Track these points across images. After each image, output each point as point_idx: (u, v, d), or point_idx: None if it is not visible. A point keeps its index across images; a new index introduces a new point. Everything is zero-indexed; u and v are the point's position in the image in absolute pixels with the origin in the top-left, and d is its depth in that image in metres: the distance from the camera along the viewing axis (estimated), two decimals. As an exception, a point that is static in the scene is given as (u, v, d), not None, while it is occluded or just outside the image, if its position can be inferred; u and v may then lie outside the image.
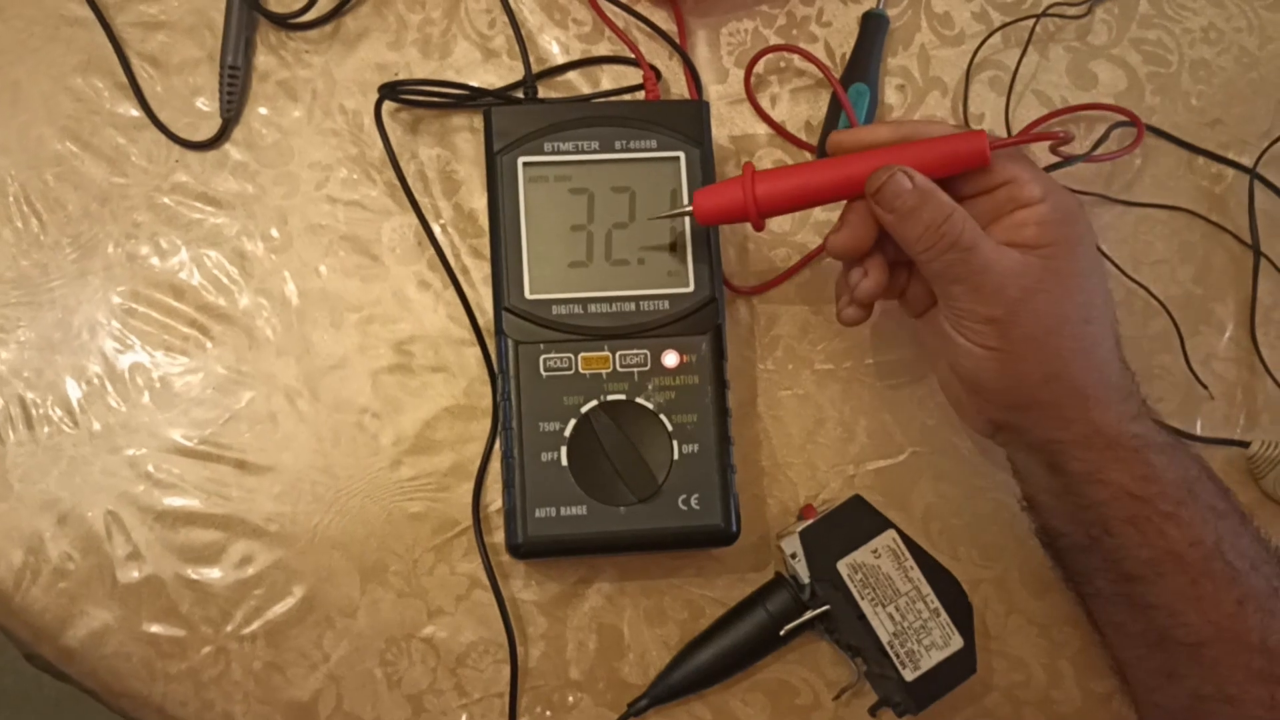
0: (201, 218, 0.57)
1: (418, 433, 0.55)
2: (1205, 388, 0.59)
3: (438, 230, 0.57)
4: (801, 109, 0.60)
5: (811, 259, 0.58)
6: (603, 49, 0.59)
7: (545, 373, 0.52)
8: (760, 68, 0.60)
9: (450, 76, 0.59)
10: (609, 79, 0.59)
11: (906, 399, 0.58)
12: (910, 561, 0.52)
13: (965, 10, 0.61)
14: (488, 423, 0.55)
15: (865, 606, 0.51)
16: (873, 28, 0.60)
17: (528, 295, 0.52)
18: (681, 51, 0.59)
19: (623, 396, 0.52)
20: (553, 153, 0.53)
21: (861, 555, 0.52)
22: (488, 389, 0.55)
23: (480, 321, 0.55)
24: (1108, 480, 0.48)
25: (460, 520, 0.55)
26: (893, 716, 0.53)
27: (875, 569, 0.52)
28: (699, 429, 0.52)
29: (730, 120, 0.60)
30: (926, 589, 0.52)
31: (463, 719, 0.54)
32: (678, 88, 0.60)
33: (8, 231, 0.56)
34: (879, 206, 0.48)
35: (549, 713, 0.54)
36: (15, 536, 0.54)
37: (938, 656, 0.51)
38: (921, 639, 0.51)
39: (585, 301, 0.52)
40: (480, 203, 0.57)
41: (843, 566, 0.52)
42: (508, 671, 0.53)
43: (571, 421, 0.51)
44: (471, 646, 0.54)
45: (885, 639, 0.51)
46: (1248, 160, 0.61)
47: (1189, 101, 0.62)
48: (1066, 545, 0.51)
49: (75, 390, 0.55)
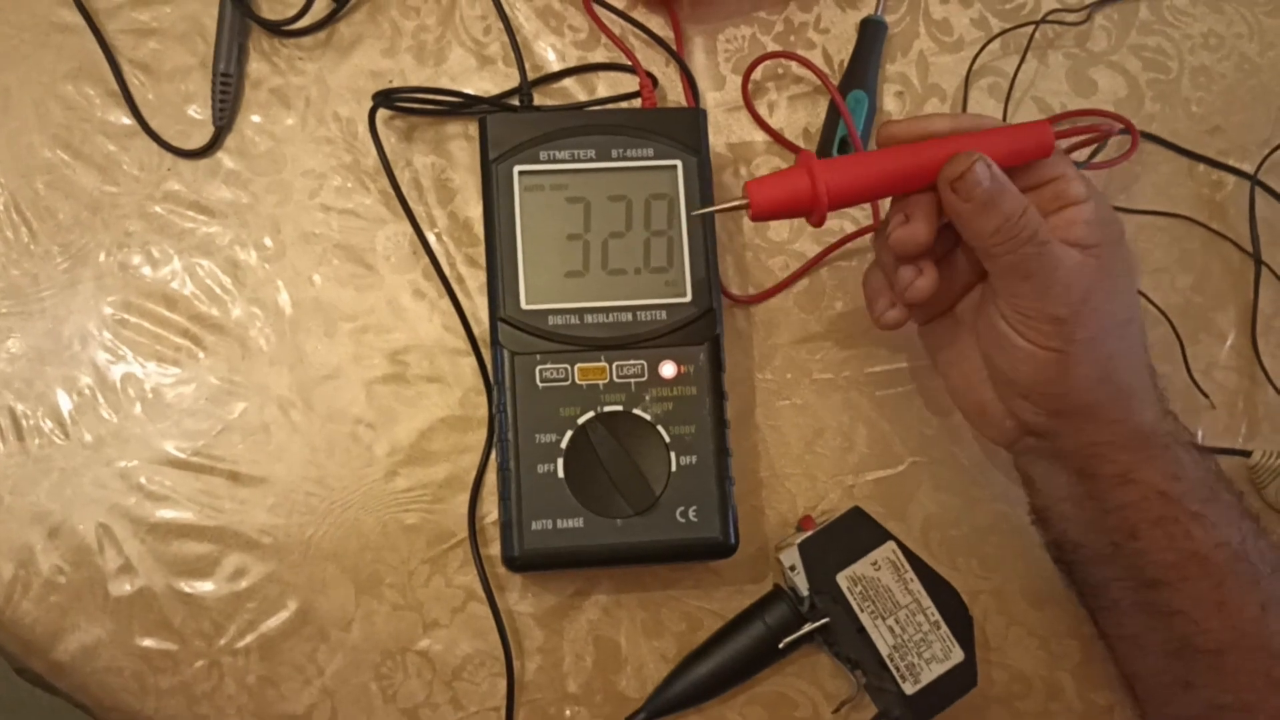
0: (194, 226, 0.56)
1: (412, 443, 0.55)
2: (1206, 396, 0.58)
3: (432, 239, 0.56)
4: (799, 116, 0.60)
5: (810, 268, 0.58)
6: (599, 56, 0.59)
7: (541, 384, 0.51)
8: (758, 74, 0.59)
9: (445, 84, 0.58)
10: (605, 86, 0.59)
11: (906, 409, 0.57)
12: (910, 573, 0.51)
13: (964, 16, 0.61)
14: (483, 433, 0.55)
15: (865, 619, 0.51)
16: (871, 34, 0.59)
17: (524, 305, 0.52)
18: (678, 58, 0.59)
19: (620, 408, 0.51)
20: (549, 161, 0.53)
21: (861, 567, 0.51)
22: (483, 399, 0.55)
23: (475, 331, 0.55)
24: (1139, 479, 0.47)
25: (456, 532, 0.54)
26: (892, 730, 0.53)
27: (875, 581, 0.51)
28: (697, 440, 0.51)
29: (728, 127, 0.59)
30: (927, 601, 0.51)
31: (458, 733, 0.53)
32: (674, 95, 0.59)
33: (-2, 241, 0.55)
34: (955, 195, 0.46)
35: (545, 727, 0.53)
36: (5, 549, 0.53)
37: (938, 670, 0.50)
38: (922, 652, 0.51)
39: (582, 312, 0.52)
40: (475, 211, 0.57)
41: (842, 579, 0.51)
42: (504, 685, 0.53)
43: (568, 433, 0.51)
44: (467, 659, 0.54)
45: (885, 652, 0.51)
46: (1248, 167, 0.60)
47: (1189, 108, 0.61)
48: (1084, 557, 0.50)
49: (66, 401, 0.54)
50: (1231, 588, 0.46)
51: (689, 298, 0.52)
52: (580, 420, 0.51)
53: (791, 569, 0.52)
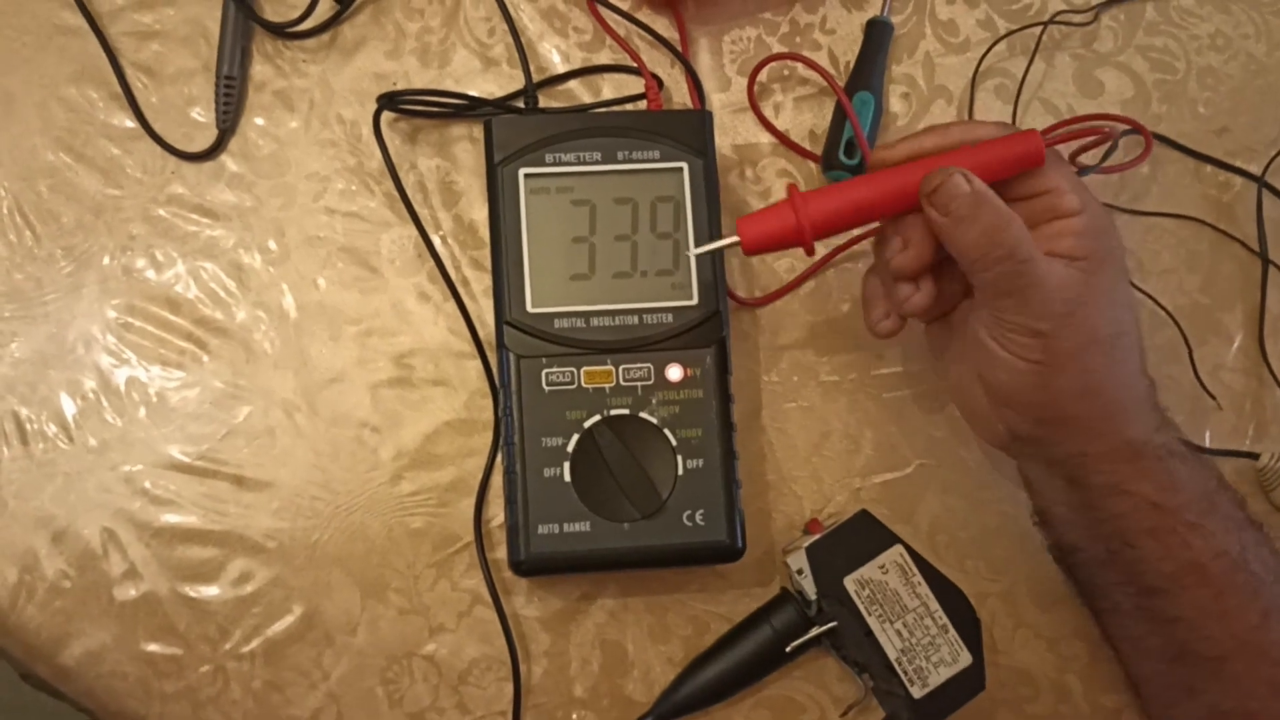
0: (198, 230, 0.56)
1: (418, 447, 0.55)
2: (1214, 398, 0.58)
3: (437, 241, 0.56)
4: (805, 117, 0.59)
5: (816, 270, 0.58)
6: (604, 57, 0.59)
7: (547, 387, 0.51)
8: (763, 76, 0.59)
9: (449, 86, 0.58)
10: (610, 88, 0.59)
11: (913, 411, 0.57)
12: (918, 577, 0.51)
13: (970, 17, 0.61)
14: (489, 436, 0.55)
15: (873, 623, 0.51)
16: (877, 35, 0.59)
17: (529, 308, 0.51)
18: (684, 60, 0.58)
19: (626, 411, 0.51)
20: (554, 164, 0.53)
21: (869, 571, 0.51)
22: (489, 402, 0.55)
23: (481, 334, 0.55)
24: (1130, 491, 0.47)
25: (462, 535, 0.54)
26: (900, 734, 0.53)
27: (883, 585, 0.51)
28: (704, 443, 0.51)
29: (733, 129, 0.59)
30: (934, 605, 0.51)
31: (465, 738, 0.53)
32: (680, 96, 0.59)
33: (0, 245, 0.55)
34: (933, 209, 0.46)
35: (552, 731, 0.53)
36: (10, 554, 0.53)
37: (946, 673, 0.50)
38: (930, 655, 0.50)
39: (588, 315, 0.52)
40: (480, 213, 0.56)
41: (849, 582, 0.51)
42: (510, 689, 0.53)
43: (574, 436, 0.51)
44: (474, 664, 0.53)
45: (893, 656, 0.50)
46: (1256, 168, 0.60)
47: (1196, 109, 0.61)
48: (1083, 560, 0.50)
49: (70, 405, 0.54)
50: (1231, 597, 0.46)
51: (695, 300, 0.52)
52: (586, 424, 0.51)
53: (799, 572, 0.52)
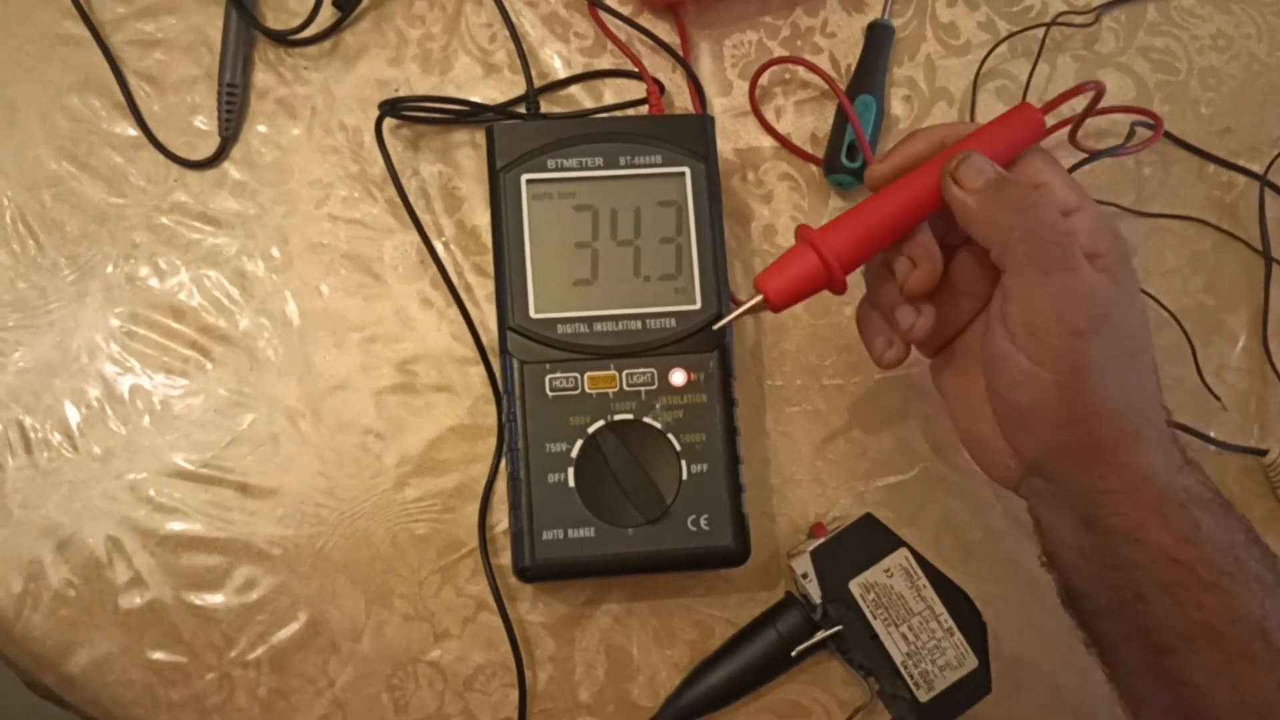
0: (201, 238, 0.56)
1: (422, 453, 0.55)
2: (1218, 399, 0.58)
3: (440, 248, 0.56)
4: (807, 121, 0.59)
5: (819, 273, 0.58)
6: (605, 63, 0.59)
7: (551, 393, 0.51)
8: (765, 80, 0.59)
9: (451, 92, 0.58)
10: (612, 93, 0.59)
11: (916, 414, 0.57)
12: (923, 580, 0.51)
13: (971, 20, 0.61)
14: (493, 442, 0.55)
15: (878, 626, 0.51)
16: (878, 38, 0.59)
17: (532, 314, 0.52)
18: (685, 64, 0.58)
19: (630, 416, 0.51)
20: (556, 169, 0.53)
21: (874, 574, 0.51)
22: (492, 408, 0.55)
23: (484, 340, 0.55)
24: (1147, 540, 0.43)
25: (466, 542, 0.54)
26: (906, 737, 0.52)
27: (888, 588, 0.51)
28: (708, 448, 0.51)
29: (735, 133, 0.59)
30: (940, 608, 0.51)
31: (471, 744, 0.53)
32: (681, 100, 0.59)
33: (4, 254, 0.55)
34: (959, 187, 0.43)
35: (558, 737, 0.53)
36: (15, 563, 0.53)
37: (952, 677, 0.50)
38: (935, 659, 0.50)
39: (591, 320, 0.52)
40: (483, 219, 0.56)
41: (855, 586, 0.51)
42: (516, 695, 0.53)
43: (578, 442, 0.51)
44: (479, 670, 0.53)
45: (899, 659, 0.50)
46: (1258, 168, 0.60)
47: (1198, 109, 0.61)
48: (1092, 609, 0.46)
49: (74, 414, 0.54)
50: (1245, 665, 0.42)
51: (698, 305, 0.52)
52: (590, 429, 0.51)
53: (804, 576, 0.52)
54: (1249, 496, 0.57)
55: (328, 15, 0.57)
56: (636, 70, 0.57)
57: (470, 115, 0.57)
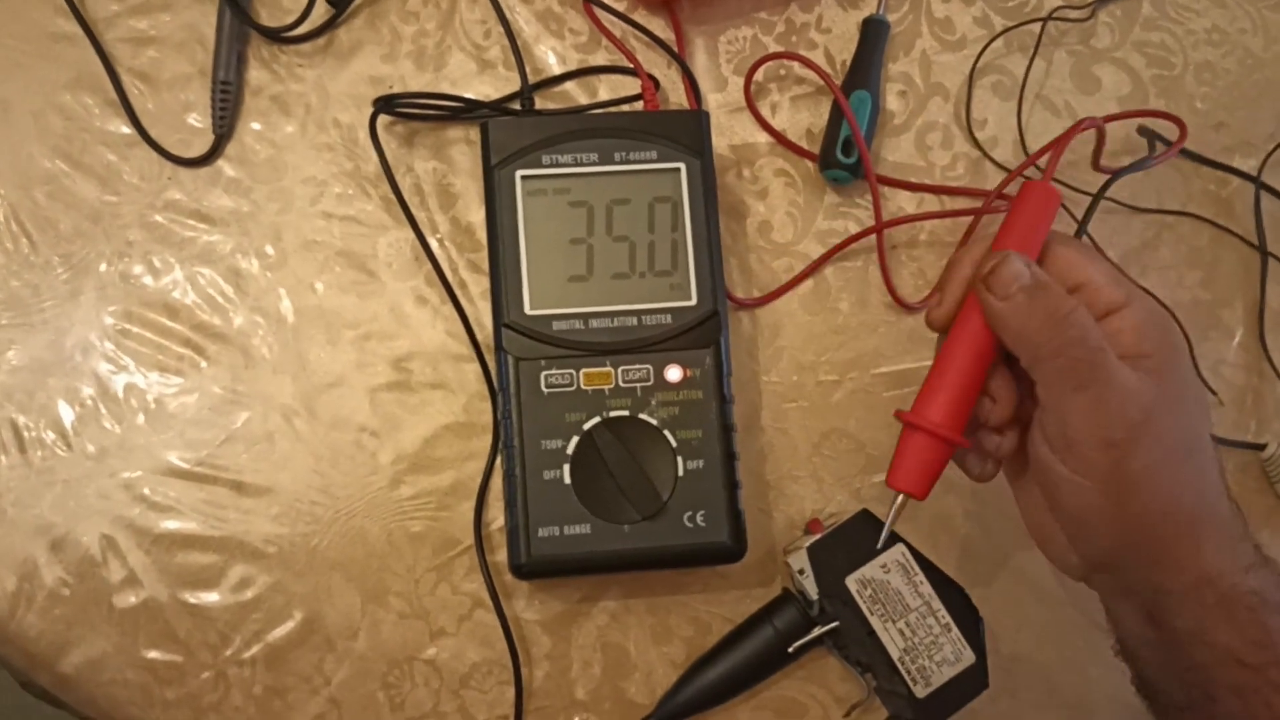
0: (195, 235, 0.56)
1: (417, 451, 0.55)
2: (1215, 394, 0.58)
3: (435, 245, 0.56)
4: (803, 116, 0.59)
5: (814, 270, 0.58)
6: (600, 59, 0.59)
7: (546, 389, 0.51)
8: (760, 75, 0.59)
9: (445, 89, 0.58)
10: (607, 89, 0.58)
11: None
12: (920, 576, 0.51)
13: (966, 15, 0.61)
14: (488, 439, 0.55)
15: (875, 622, 0.50)
16: (873, 33, 0.59)
17: (528, 311, 0.51)
18: (680, 60, 0.58)
19: (626, 413, 0.51)
20: (551, 165, 0.52)
21: (870, 570, 0.51)
22: (488, 405, 0.55)
23: (479, 336, 0.55)
24: (1214, 643, 0.42)
25: (462, 539, 0.54)
26: (904, 733, 0.52)
27: (885, 584, 0.51)
28: (704, 444, 0.51)
29: (730, 129, 0.59)
30: (937, 604, 0.51)
31: (467, 742, 0.53)
32: (676, 97, 0.59)
33: (-2, 252, 0.55)
34: (991, 294, 0.42)
35: (554, 734, 0.53)
36: (9, 562, 0.53)
37: (949, 672, 0.50)
38: (933, 655, 0.50)
39: (586, 316, 0.52)
40: (478, 216, 0.56)
41: (851, 582, 0.51)
42: (512, 693, 0.53)
43: (574, 439, 0.50)
44: (475, 668, 0.53)
45: (896, 655, 0.50)
46: (1254, 162, 0.60)
47: (1193, 104, 0.61)
48: (1164, 704, 0.45)
49: (68, 413, 0.54)
50: None
51: (694, 301, 0.52)
52: (586, 426, 0.51)
53: (800, 572, 0.52)
54: (1247, 492, 0.57)
55: (321, 12, 0.57)
56: (631, 66, 0.57)
57: (465, 112, 0.57)
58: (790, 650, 0.52)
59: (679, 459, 0.51)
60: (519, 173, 0.52)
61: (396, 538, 0.54)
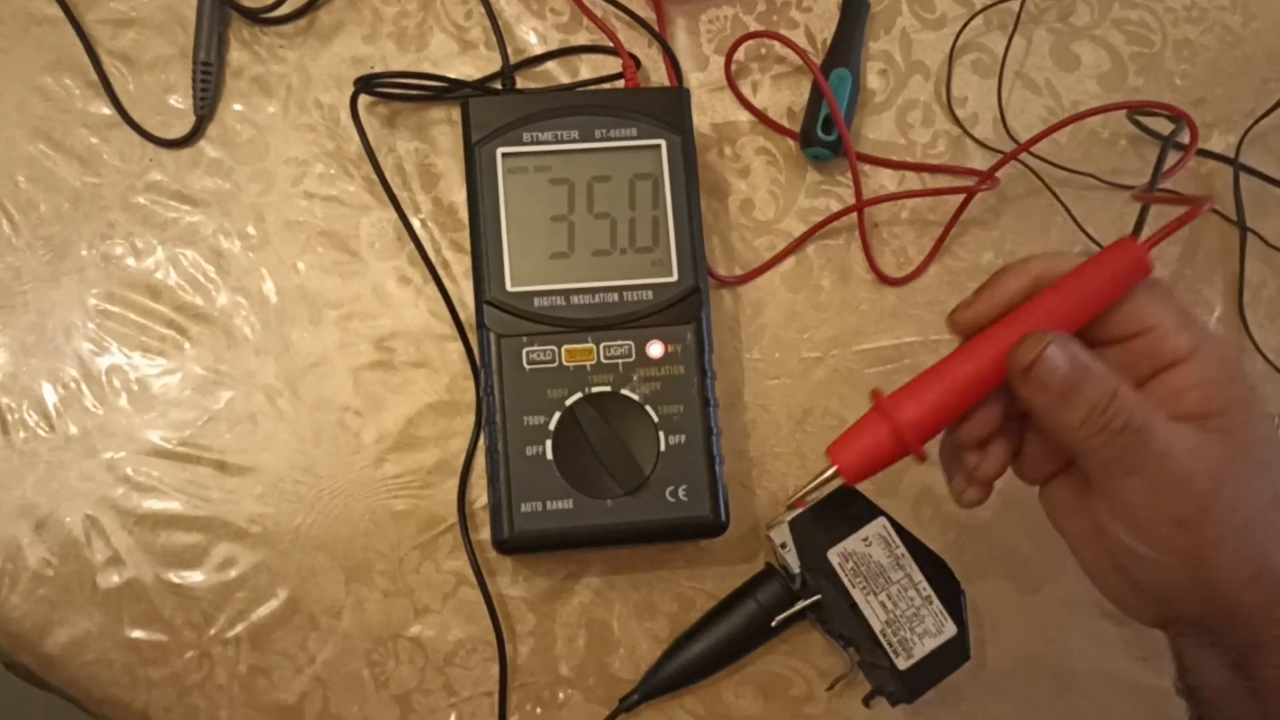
0: (177, 216, 0.56)
1: (400, 430, 0.55)
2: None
3: (417, 225, 0.56)
4: (783, 95, 0.59)
5: (796, 247, 0.58)
6: (581, 39, 0.59)
7: (528, 365, 0.51)
8: (740, 54, 0.59)
9: (427, 69, 0.58)
10: (588, 69, 0.59)
11: (895, 385, 0.56)
12: (902, 549, 0.51)
13: (946, -7, 0.61)
14: (471, 418, 0.55)
15: (857, 595, 0.51)
16: (853, 12, 0.59)
17: (509, 287, 0.51)
18: (661, 39, 0.58)
19: (607, 388, 0.51)
20: (532, 143, 0.53)
21: (852, 543, 0.51)
22: (471, 384, 0.55)
23: (462, 316, 0.55)
24: None
25: (446, 517, 0.54)
26: (886, 706, 0.52)
27: (866, 557, 0.51)
28: (685, 420, 0.51)
29: (711, 108, 0.59)
30: (919, 576, 0.51)
31: (452, 718, 0.53)
32: (657, 76, 0.59)
33: (-21, 234, 0.55)
34: (1029, 389, 0.39)
35: (539, 710, 0.53)
36: (-8, 543, 0.53)
37: (931, 644, 0.50)
38: (914, 627, 0.50)
39: (568, 293, 0.52)
40: (460, 196, 0.56)
41: (833, 555, 0.51)
42: (496, 669, 0.53)
43: (556, 414, 0.51)
44: (459, 645, 0.53)
45: (878, 628, 0.50)
46: (1233, 139, 0.60)
47: (1173, 81, 0.61)
48: None
49: (51, 394, 0.54)
50: None
51: (675, 277, 0.52)
52: (568, 402, 0.51)
53: (782, 546, 0.52)
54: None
55: (302, -7, 0.57)
56: (612, 45, 0.57)
57: (446, 91, 0.57)
58: (773, 624, 0.52)
59: (661, 434, 0.51)
60: (500, 150, 0.52)
61: (380, 516, 0.54)
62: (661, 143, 0.53)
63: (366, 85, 0.55)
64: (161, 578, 0.53)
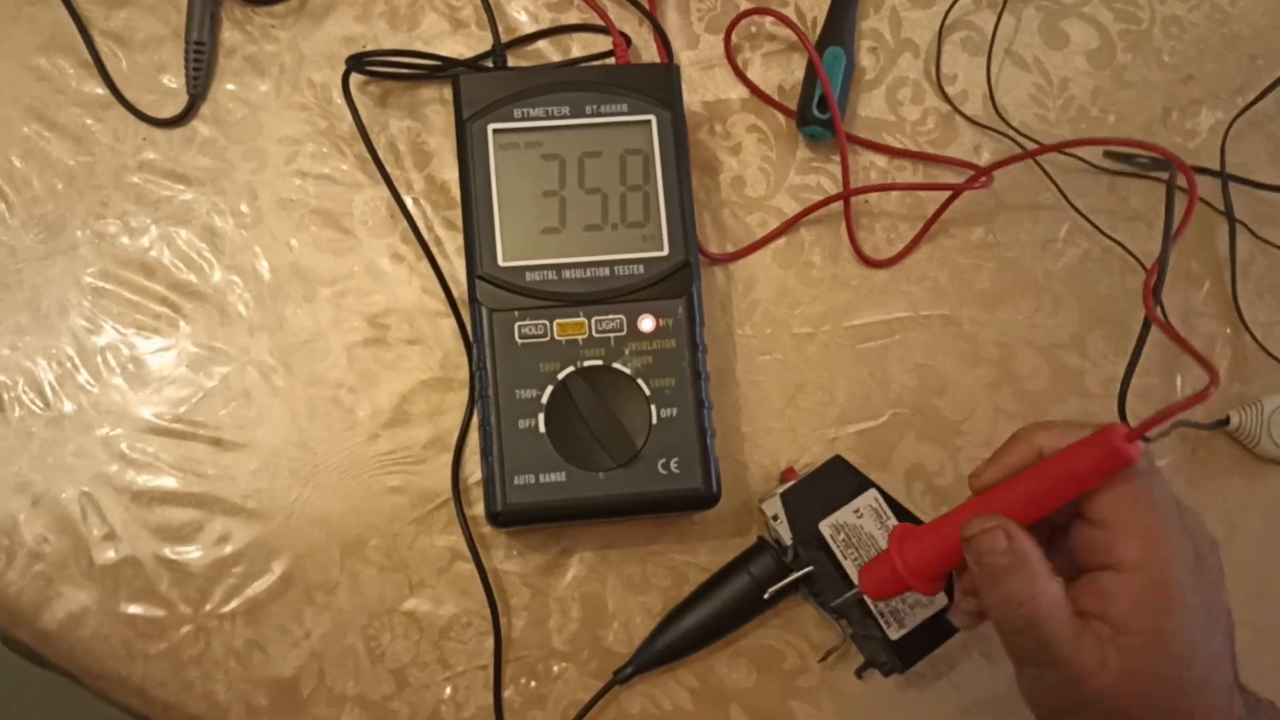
0: (170, 195, 0.56)
1: (394, 406, 0.55)
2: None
3: (410, 203, 0.56)
4: (774, 73, 0.60)
5: (788, 227, 0.58)
6: (572, 18, 0.59)
7: (520, 340, 0.51)
8: (733, 33, 0.59)
9: (419, 48, 0.58)
10: (579, 47, 0.59)
11: (886, 360, 0.57)
12: (893, 520, 0.51)
13: (935, -29, 0.61)
14: (465, 394, 0.55)
15: (848, 566, 0.51)
16: (844, -10, 0.60)
17: (501, 262, 0.52)
18: (651, 18, 0.59)
19: (599, 362, 0.51)
20: (523, 119, 0.53)
21: (843, 515, 0.52)
22: (464, 360, 0.55)
23: (455, 292, 0.55)
24: None
25: (440, 493, 0.54)
26: (879, 678, 0.53)
27: (858, 529, 0.51)
28: (677, 393, 0.51)
29: (702, 86, 0.59)
30: (909, 547, 0.51)
31: (447, 691, 0.53)
32: (648, 55, 0.59)
33: (-26, 213, 0.55)
34: (969, 554, 0.43)
35: (534, 683, 0.53)
36: (-11, 520, 0.53)
37: (922, 614, 0.51)
38: (905, 597, 0.51)
39: (559, 267, 0.52)
40: (452, 174, 0.57)
41: (825, 527, 0.51)
42: (491, 643, 0.53)
43: (548, 388, 0.51)
44: (454, 619, 0.54)
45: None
46: (1221, 114, 0.61)
47: (1161, 58, 0.62)
48: None
49: (46, 372, 0.54)
50: None
51: (666, 251, 0.52)
52: (560, 375, 0.51)
53: (775, 519, 0.52)
54: (1228, 459, 0.58)
55: (294, -28, 0.57)
56: (603, 24, 0.58)
57: (438, 70, 0.57)
58: (766, 596, 0.52)
59: (653, 407, 0.51)
60: (491, 126, 0.53)
61: (375, 492, 0.54)
62: (652, 118, 0.53)
63: (358, 64, 0.55)
64: (157, 553, 0.53)
